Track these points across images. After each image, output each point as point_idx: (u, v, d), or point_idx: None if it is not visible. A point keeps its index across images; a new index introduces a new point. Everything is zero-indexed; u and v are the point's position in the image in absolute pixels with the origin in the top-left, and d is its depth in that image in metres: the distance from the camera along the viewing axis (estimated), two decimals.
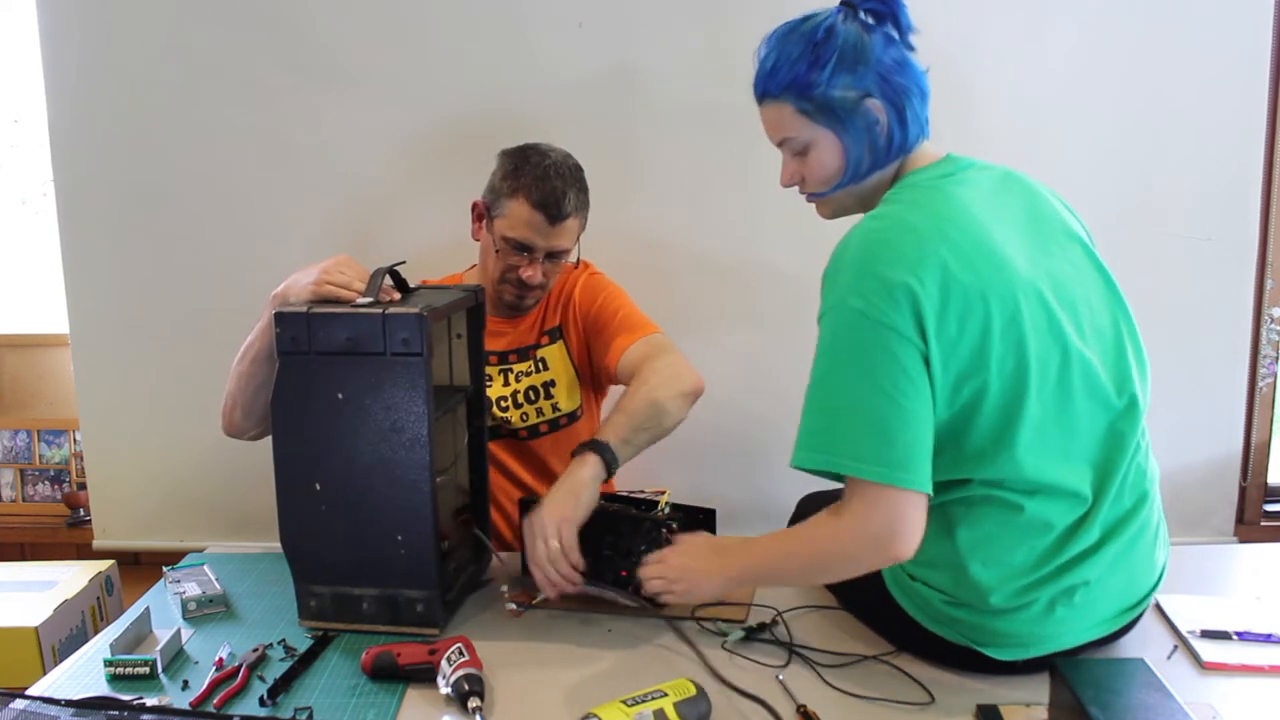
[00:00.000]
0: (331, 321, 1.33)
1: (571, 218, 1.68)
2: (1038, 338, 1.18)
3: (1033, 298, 1.19)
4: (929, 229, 1.17)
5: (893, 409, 1.14)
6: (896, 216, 1.21)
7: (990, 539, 1.22)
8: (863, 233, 1.21)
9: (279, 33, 1.97)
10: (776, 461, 2.02)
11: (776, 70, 1.26)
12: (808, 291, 2.03)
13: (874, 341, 1.14)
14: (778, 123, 1.30)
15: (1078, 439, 1.22)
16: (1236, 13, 1.91)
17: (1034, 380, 1.18)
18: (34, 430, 2.40)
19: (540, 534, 1.39)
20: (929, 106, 1.28)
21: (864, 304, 1.15)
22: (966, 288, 1.15)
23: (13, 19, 2.26)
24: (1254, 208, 1.98)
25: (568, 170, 1.68)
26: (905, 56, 1.25)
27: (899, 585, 1.31)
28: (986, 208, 1.23)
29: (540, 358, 1.82)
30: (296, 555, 1.40)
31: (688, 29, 1.95)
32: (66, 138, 2.03)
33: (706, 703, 1.17)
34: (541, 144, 1.73)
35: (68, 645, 1.70)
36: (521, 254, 1.69)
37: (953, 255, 1.16)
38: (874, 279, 1.15)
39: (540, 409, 1.81)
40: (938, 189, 1.24)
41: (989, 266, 1.17)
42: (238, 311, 2.03)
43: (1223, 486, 2.07)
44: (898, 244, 1.17)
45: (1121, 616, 1.27)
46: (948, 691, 1.24)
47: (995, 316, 1.16)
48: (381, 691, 1.25)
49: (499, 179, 1.70)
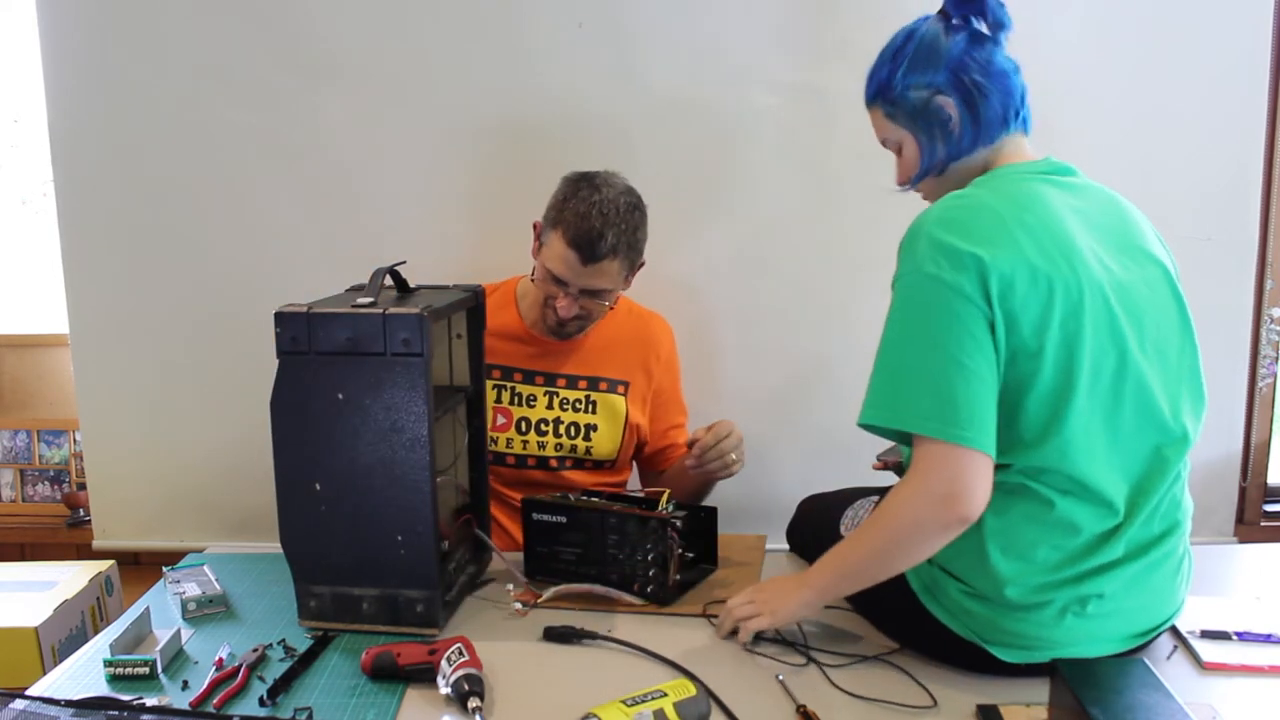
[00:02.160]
0: (331, 321, 1.33)
1: (608, 260, 1.64)
2: (1095, 335, 1.19)
3: (1098, 296, 1.20)
4: (1007, 212, 1.20)
5: (957, 369, 1.16)
6: (977, 197, 1.24)
7: (1015, 529, 1.22)
8: (941, 208, 1.24)
9: (279, 33, 1.97)
10: (777, 462, 2.03)
11: (871, 78, 1.35)
12: (807, 291, 2.05)
13: (941, 305, 1.17)
14: (876, 127, 1.38)
15: (1121, 450, 1.23)
16: (1236, 13, 1.91)
17: (1086, 375, 1.19)
18: (34, 430, 2.40)
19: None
20: (1018, 100, 1.30)
21: (934, 269, 1.18)
22: (1035, 269, 1.17)
23: (13, 19, 2.26)
24: (1254, 208, 1.98)
25: (615, 210, 1.64)
26: (983, 56, 1.28)
27: (918, 574, 1.32)
28: (1067, 206, 1.24)
29: (593, 400, 1.82)
30: (296, 555, 1.40)
31: (688, 29, 1.95)
32: (66, 138, 2.03)
33: (706, 703, 1.17)
34: (602, 176, 1.70)
35: (68, 645, 1.70)
36: (558, 286, 1.68)
37: (1027, 237, 1.18)
38: (946, 248, 1.18)
39: (575, 446, 1.81)
40: (1023, 180, 1.27)
41: (1060, 256, 1.19)
42: (238, 311, 2.05)
43: (1223, 486, 2.07)
44: (973, 220, 1.20)
45: (1131, 640, 1.27)
46: (948, 691, 1.24)
47: (1058, 303, 1.17)
48: (381, 691, 1.25)
49: (551, 206, 1.69)
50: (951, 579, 1.27)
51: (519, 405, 1.80)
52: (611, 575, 1.51)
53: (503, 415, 1.80)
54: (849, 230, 1.98)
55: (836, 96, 1.95)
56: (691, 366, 1.97)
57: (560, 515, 1.54)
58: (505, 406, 1.80)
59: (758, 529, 1.78)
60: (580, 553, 1.53)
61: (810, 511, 1.69)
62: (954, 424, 1.15)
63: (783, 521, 1.74)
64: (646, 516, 1.47)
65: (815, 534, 1.63)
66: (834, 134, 1.97)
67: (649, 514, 1.48)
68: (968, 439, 1.15)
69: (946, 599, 1.28)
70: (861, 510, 1.50)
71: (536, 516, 1.56)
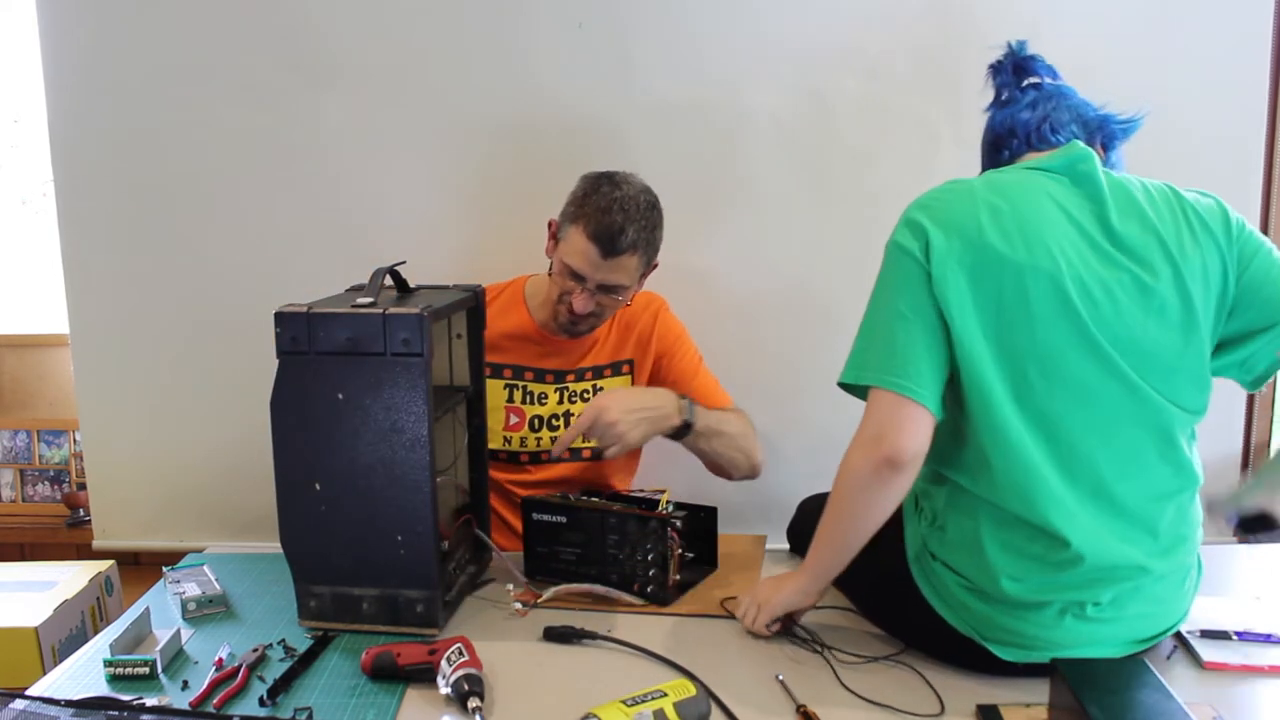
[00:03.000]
0: (332, 321, 1.33)
1: (628, 254, 1.64)
2: (1041, 321, 1.20)
3: (1053, 285, 1.20)
4: (981, 194, 1.25)
5: (899, 322, 1.23)
6: (964, 181, 1.30)
7: (1010, 526, 1.23)
8: (935, 189, 1.30)
9: (279, 33, 1.97)
10: (777, 462, 2.02)
11: None
12: (806, 292, 2.05)
13: (894, 266, 1.26)
14: None
15: (1089, 454, 1.22)
16: (1236, 13, 1.91)
17: (1027, 361, 1.20)
18: (34, 430, 2.40)
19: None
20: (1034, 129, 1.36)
21: (899, 238, 1.27)
22: (988, 249, 1.21)
23: (13, 19, 2.26)
24: (1254, 208, 1.98)
25: (635, 207, 1.65)
26: (1008, 114, 1.37)
27: (919, 563, 1.32)
28: (1054, 197, 1.25)
29: (600, 388, 1.82)
30: (296, 555, 1.40)
31: (687, 29, 1.95)
32: (66, 138, 2.03)
33: (707, 703, 1.17)
34: (622, 174, 1.70)
35: (68, 645, 1.70)
36: (575, 281, 1.68)
37: (990, 219, 1.22)
38: (911, 222, 1.26)
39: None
40: (1017, 172, 1.31)
41: (1022, 242, 1.21)
42: (238, 311, 2.04)
43: (1223, 487, 2.07)
44: (946, 201, 1.27)
45: (1132, 645, 1.27)
46: (948, 691, 1.24)
47: (1007, 284, 1.20)
48: (381, 691, 1.25)
49: (570, 202, 1.69)
50: (952, 574, 1.28)
51: (531, 404, 1.81)
52: (611, 575, 1.51)
53: (515, 414, 1.80)
54: (848, 230, 1.98)
55: (836, 96, 1.95)
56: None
57: (560, 515, 1.54)
58: (518, 405, 1.81)
59: (758, 529, 1.78)
60: (580, 553, 1.53)
61: (811, 511, 1.69)
62: (888, 371, 1.22)
63: (783, 521, 1.74)
64: (646, 516, 1.47)
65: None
66: (833, 134, 1.97)
67: (649, 514, 1.48)
68: (900, 386, 1.21)
69: (947, 592, 1.28)
70: None
71: (536, 516, 1.56)
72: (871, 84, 1.95)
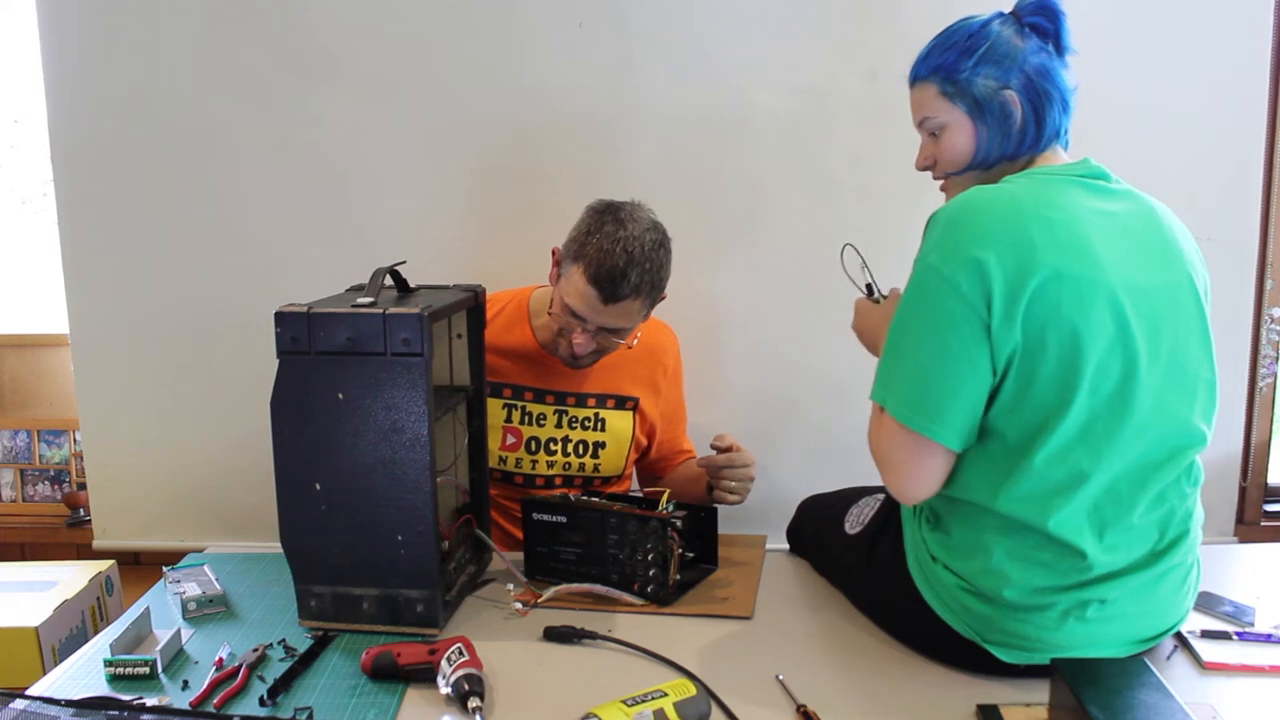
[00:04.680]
0: (332, 321, 1.33)
1: (629, 300, 1.60)
2: (1102, 336, 1.17)
3: (1110, 299, 1.18)
4: (1029, 206, 1.20)
5: (936, 363, 1.20)
6: (1004, 190, 1.24)
7: (1018, 533, 1.22)
8: (967, 197, 1.24)
9: (279, 33, 1.98)
10: (777, 463, 2.03)
11: (929, 55, 1.35)
12: (807, 293, 2.05)
13: (938, 299, 1.20)
14: (921, 103, 1.36)
15: (1122, 458, 1.21)
16: (1236, 13, 1.91)
17: (1089, 377, 1.17)
18: (34, 430, 2.40)
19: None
20: (1069, 120, 1.32)
21: (940, 261, 1.20)
22: (1041, 265, 1.16)
23: (13, 19, 2.26)
24: (1254, 208, 1.98)
25: (640, 248, 1.58)
26: (1054, 67, 1.30)
27: (920, 567, 1.32)
28: (1093, 209, 1.23)
29: (602, 418, 1.81)
30: (296, 555, 1.40)
31: (687, 29, 1.95)
32: (66, 138, 2.03)
33: (707, 703, 1.17)
34: (627, 209, 1.64)
35: (68, 645, 1.70)
36: (576, 320, 1.64)
37: (1043, 233, 1.17)
38: (951, 242, 1.20)
39: (583, 464, 1.81)
40: (1053, 179, 1.27)
41: (1075, 255, 1.17)
42: (238, 311, 2.05)
43: (1223, 486, 2.07)
44: (990, 215, 1.20)
45: (1133, 645, 1.27)
46: (948, 691, 1.24)
47: (1065, 300, 1.16)
48: (381, 691, 1.25)
49: (572, 238, 1.64)
50: (954, 577, 1.27)
51: (529, 424, 1.79)
52: (612, 575, 1.51)
53: (512, 435, 1.79)
54: (849, 230, 1.97)
55: (837, 97, 1.95)
56: (692, 367, 1.97)
57: (560, 515, 1.54)
58: (515, 426, 1.78)
59: (758, 529, 1.78)
60: (580, 553, 1.53)
61: (810, 512, 1.69)
62: (920, 412, 1.20)
63: (783, 521, 1.74)
64: (646, 516, 1.47)
65: (815, 534, 1.63)
66: (833, 135, 1.97)
67: (649, 514, 1.48)
68: (929, 430, 1.20)
69: (947, 594, 1.28)
70: (866, 509, 1.50)
71: (536, 516, 1.56)
72: (872, 84, 1.95)
